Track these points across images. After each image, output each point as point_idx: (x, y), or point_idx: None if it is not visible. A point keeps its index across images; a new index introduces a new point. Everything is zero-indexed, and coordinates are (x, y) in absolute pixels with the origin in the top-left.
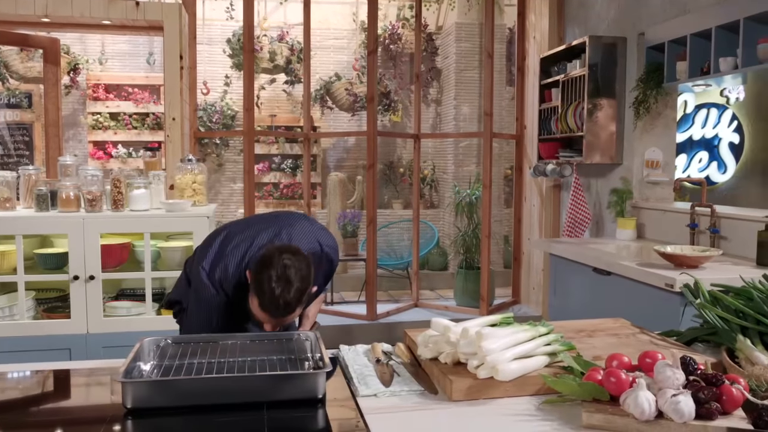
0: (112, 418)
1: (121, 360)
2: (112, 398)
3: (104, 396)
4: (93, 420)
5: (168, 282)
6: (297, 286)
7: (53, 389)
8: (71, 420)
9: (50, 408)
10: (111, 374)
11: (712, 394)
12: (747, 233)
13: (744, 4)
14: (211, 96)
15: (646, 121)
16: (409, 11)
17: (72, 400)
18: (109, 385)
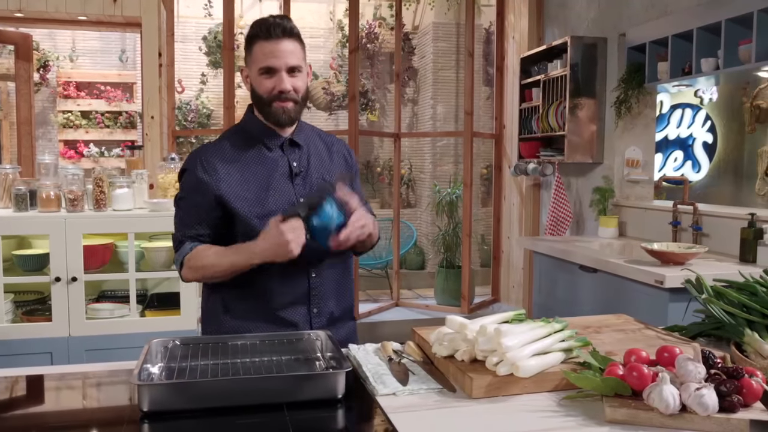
0: (129, 422)
1: (116, 363)
2: (123, 401)
3: (115, 399)
4: (108, 424)
5: (150, 283)
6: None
7: (59, 393)
8: (86, 424)
9: (63, 412)
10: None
11: (734, 387)
12: (729, 230)
13: (725, 5)
14: (186, 94)
15: (627, 121)
16: (388, 11)
17: (83, 403)
18: (116, 387)
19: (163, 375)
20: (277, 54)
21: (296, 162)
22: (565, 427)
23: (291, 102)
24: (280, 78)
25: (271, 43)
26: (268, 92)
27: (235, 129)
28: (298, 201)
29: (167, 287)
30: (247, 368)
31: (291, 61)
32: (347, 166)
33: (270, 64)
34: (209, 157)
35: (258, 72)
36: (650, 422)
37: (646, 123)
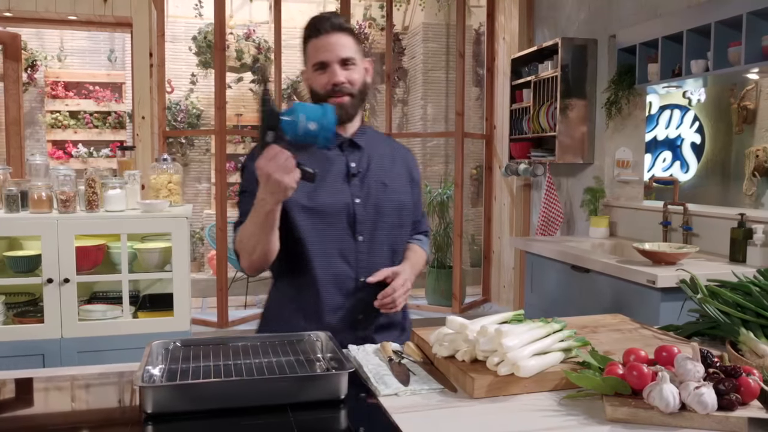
0: (132, 424)
1: (114, 365)
2: (125, 404)
3: (116, 401)
4: (111, 426)
5: (142, 284)
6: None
7: (59, 396)
8: (89, 426)
9: (66, 414)
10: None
11: (732, 385)
12: (719, 230)
13: (715, 8)
14: (175, 94)
15: (617, 122)
16: (379, 11)
17: (84, 406)
18: (117, 390)
19: (165, 377)
20: (328, 47)
21: (355, 162)
22: (567, 426)
23: (347, 96)
24: (332, 71)
25: (321, 38)
26: (323, 87)
27: None
28: (354, 202)
29: (159, 288)
30: (248, 369)
31: (342, 53)
32: (409, 174)
33: (322, 58)
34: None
35: (313, 69)
36: (650, 421)
37: (636, 124)
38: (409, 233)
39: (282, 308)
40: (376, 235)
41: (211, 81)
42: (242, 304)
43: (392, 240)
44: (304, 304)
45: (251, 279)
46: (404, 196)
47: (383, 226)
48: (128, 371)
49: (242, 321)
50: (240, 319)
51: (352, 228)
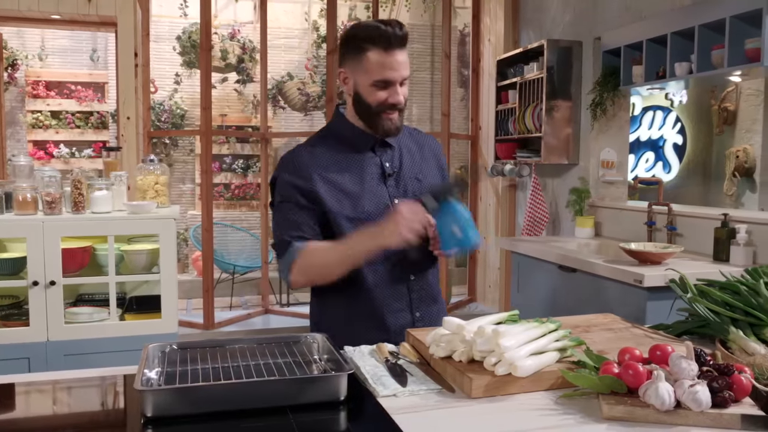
0: (131, 428)
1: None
2: (121, 407)
3: (112, 405)
4: (111, 429)
5: (129, 286)
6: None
7: (49, 400)
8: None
9: (61, 418)
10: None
11: (725, 383)
12: (703, 230)
13: (698, 11)
14: (159, 94)
15: (602, 123)
16: (363, 12)
17: (77, 410)
18: (111, 393)
19: (162, 380)
20: (395, 66)
21: (389, 162)
22: (565, 425)
23: (398, 112)
24: (395, 91)
25: (389, 54)
26: (379, 103)
27: (324, 132)
28: (392, 202)
29: (146, 290)
30: (246, 372)
31: (405, 73)
32: (438, 163)
33: (388, 77)
34: (302, 161)
35: (371, 83)
36: (646, 419)
37: (621, 125)
38: None
39: (336, 318)
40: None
41: (196, 81)
42: (228, 305)
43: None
44: (360, 310)
45: (237, 281)
46: None
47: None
48: (121, 374)
49: (228, 322)
50: (226, 320)
51: None
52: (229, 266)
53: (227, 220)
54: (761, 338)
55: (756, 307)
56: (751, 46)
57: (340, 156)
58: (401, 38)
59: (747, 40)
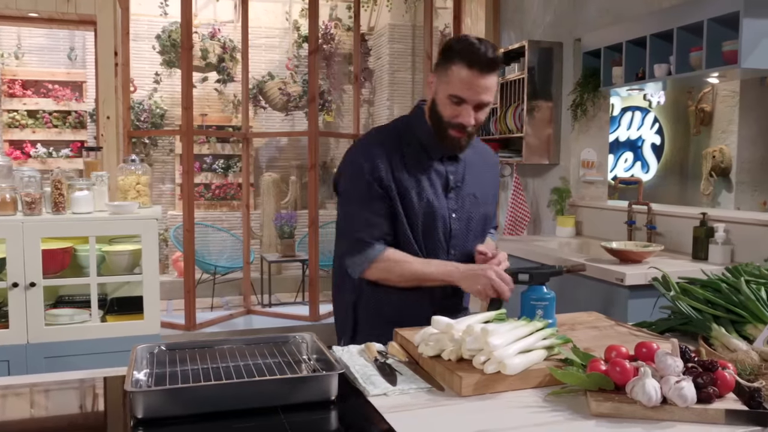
0: (123, 429)
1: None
2: (112, 408)
3: (102, 406)
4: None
5: (110, 287)
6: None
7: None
8: None
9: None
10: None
11: (710, 379)
12: (682, 229)
13: (677, 14)
14: (138, 94)
15: (582, 123)
16: (344, 12)
17: (58, 413)
18: (91, 395)
19: (153, 381)
20: (474, 87)
21: (453, 175)
22: (555, 422)
23: (467, 134)
24: (467, 111)
25: (473, 73)
26: (449, 117)
27: (402, 125)
28: (450, 216)
29: (127, 291)
30: (236, 372)
31: (485, 98)
32: (494, 176)
33: (463, 95)
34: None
35: (447, 95)
36: (633, 415)
37: (601, 125)
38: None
39: (373, 311)
40: (466, 248)
41: (175, 80)
42: (209, 306)
43: (470, 252)
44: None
45: (217, 281)
46: (490, 207)
47: (471, 238)
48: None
49: (210, 323)
50: (208, 321)
51: (447, 242)
52: (210, 267)
53: (208, 220)
54: (743, 335)
55: (737, 304)
56: (729, 48)
57: (414, 158)
58: (488, 61)
59: (724, 43)
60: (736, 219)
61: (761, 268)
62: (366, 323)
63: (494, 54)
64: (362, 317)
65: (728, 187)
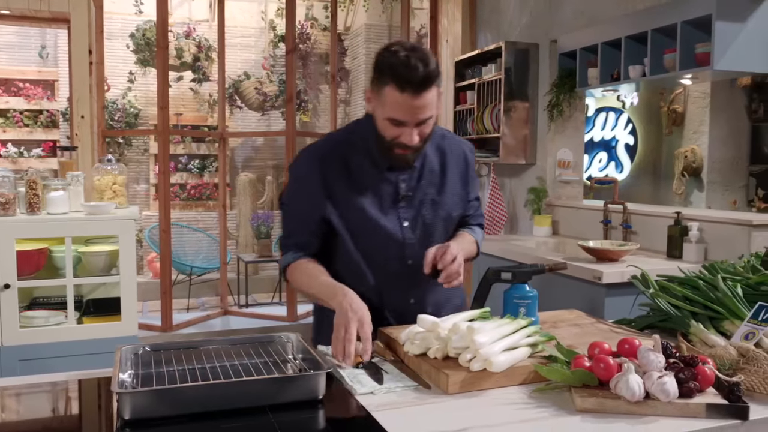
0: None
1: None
2: (86, 412)
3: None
4: None
5: (85, 289)
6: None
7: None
8: None
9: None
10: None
11: (691, 374)
12: (656, 228)
13: (651, 16)
14: (111, 93)
15: (558, 124)
16: (320, 12)
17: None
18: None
19: (135, 382)
20: (410, 110)
21: (404, 184)
22: (541, 418)
23: (414, 150)
24: (408, 132)
25: (404, 96)
26: (390, 137)
27: (352, 130)
28: (402, 226)
29: (104, 293)
30: (223, 372)
31: (422, 116)
32: (463, 175)
33: (400, 118)
34: (324, 163)
35: (384, 117)
36: (617, 410)
37: (576, 126)
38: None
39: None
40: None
41: (150, 79)
42: (185, 306)
43: None
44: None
45: (193, 282)
46: (453, 208)
47: (432, 244)
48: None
49: (187, 324)
50: (185, 322)
51: (401, 253)
52: (186, 267)
53: (183, 220)
54: (720, 331)
55: (715, 301)
56: (702, 50)
57: (362, 167)
58: (420, 80)
59: (697, 45)
60: (709, 218)
61: (736, 266)
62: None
63: (426, 70)
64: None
65: (700, 187)
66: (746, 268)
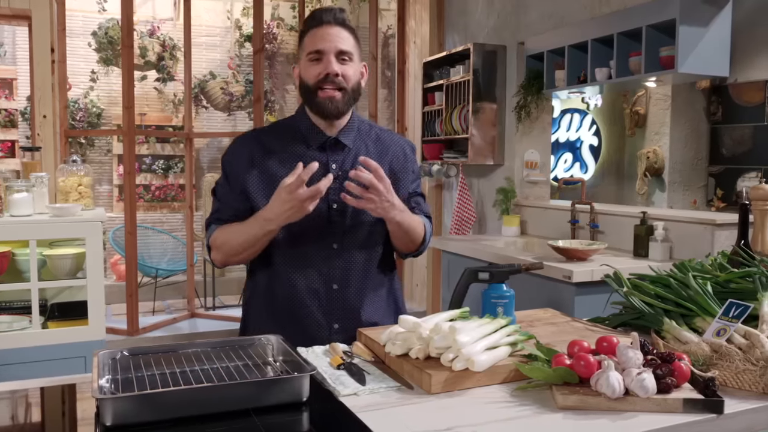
0: None
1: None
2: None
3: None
4: None
5: (50, 292)
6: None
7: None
8: None
9: None
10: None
11: (668, 370)
12: (623, 228)
13: (617, 20)
14: (73, 92)
15: (526, 125)
16: (287, 11)
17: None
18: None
19: (113, 387)
20: (327, 38)
21: (336, 164)
22: (523, 416)
23: (339, 91)
24: (328, 60)
25: (321, 28)
26: (314, 78)
27: (284, 121)
28: (331, 206)
29: (69, 296)
30: (205, 376)
31: (341, 45)
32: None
33: (319, 47)
34: (247, 147)
35: (307, 58)
36: (598, 406)
37: (543, 127)
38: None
39: (261, 307)
40: (351, 242)
41: (112, 79)
42: (150, 310)
43: (367, 247)
44: (280, 305)
45: (159, 284)
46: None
47: (360, 233)
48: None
49: (153, 327)
50: (151, 325)
51: (326, 235)
52: (152, 270)
53: (147, 222)
54: (692, 327)
55: (686, 299)
56: (666, 53)
57: (288, 148)
58: (332, 14)
59: (662, 48)
60: (674, 217)
61: (704, 264)
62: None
63: (334, 11)
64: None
65: (661, 187)
66: (714, 266)
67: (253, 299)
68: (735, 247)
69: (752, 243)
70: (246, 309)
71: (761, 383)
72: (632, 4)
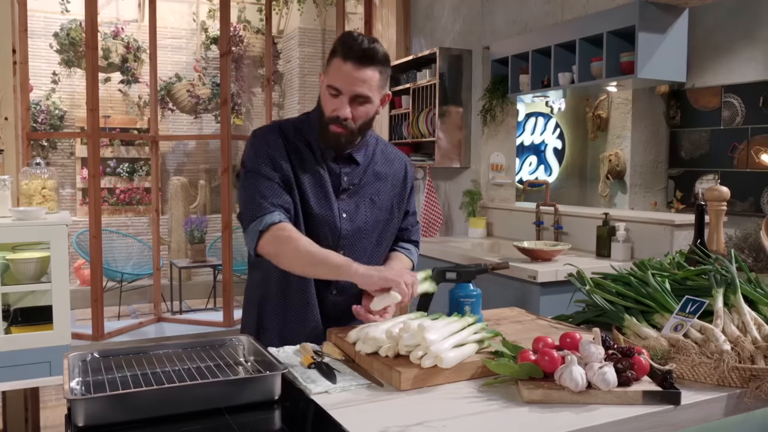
0: None
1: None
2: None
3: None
4: None
5: (13, 297)
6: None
7: None
8: None
9: None
10: None
11: (629, 363)
12: (586, 229)
13: (579, 26)
14: (34, 94)
15: (492, 128)
16: (253, 14)
17: None
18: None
19: (84, 389)
20: (347, 79)
21: (347, 177)
22: (491, 410)
23: (345, 130)
24: (342, 102)
25: (347, 65)
26: (329, 111)
27: (305, 122)
28: (341, 217)
29: (32, 301)
30: (177, 376)
31: (359, 90)
32: (398, 190)
33: (337, 85)
34: (281, 138)
35: (326, 85)
36: (562, 400)
37: (508, 130)
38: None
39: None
40: (356, 251)
41: (75, 80)
42: (115, 314)
43: (370, 258)
44: (292, 307)
45: (124, 289)
46: (387, 215)
47: (365, 243)
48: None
49: (119, 332)
50: (117, 330)
51: (335, 242)
52: (117, 274)
53: (112, 226)
54: (651, 323)
55: (646, 296)
56: (626, 59)
57: (309, 154)
58: (363, 52)
59: (622, 54)
60: (635, 218)
61: (663, 263)
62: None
63: (371, 45)
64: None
65: (623, 189)
66: (672, 265)
67: (266, 300)
68: (692, 246)
69: (708, 242)
70: (259, 309)
71: (716, 375)
72: (593, 10)
